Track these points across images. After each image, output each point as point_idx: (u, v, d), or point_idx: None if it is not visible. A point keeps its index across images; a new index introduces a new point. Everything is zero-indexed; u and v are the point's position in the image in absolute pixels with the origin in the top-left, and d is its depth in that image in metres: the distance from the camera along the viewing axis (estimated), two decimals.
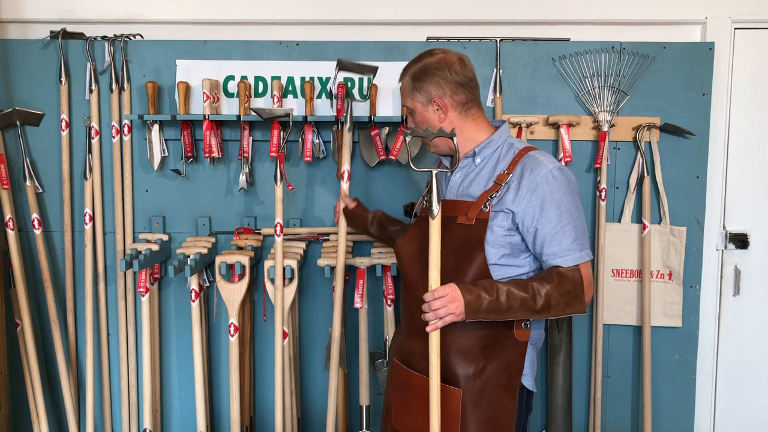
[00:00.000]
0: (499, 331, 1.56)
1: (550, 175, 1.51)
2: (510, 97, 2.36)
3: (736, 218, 2.50)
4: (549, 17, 2.40)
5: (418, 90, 1.61)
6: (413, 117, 1.66)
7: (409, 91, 1.63)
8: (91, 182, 2.36)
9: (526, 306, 1.46)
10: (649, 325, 2.35)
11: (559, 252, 1.51)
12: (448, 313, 1.43)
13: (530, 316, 1.49)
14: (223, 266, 2.15)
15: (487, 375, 1.56)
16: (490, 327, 1.55)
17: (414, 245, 1.65)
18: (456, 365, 1.55)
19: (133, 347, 2.41)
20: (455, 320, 1.45)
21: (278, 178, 2.17)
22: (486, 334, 1.56)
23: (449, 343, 1.55)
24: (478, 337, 1.55)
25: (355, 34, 2.43)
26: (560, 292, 1.48)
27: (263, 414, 2.49)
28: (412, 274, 1.65)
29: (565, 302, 1.49)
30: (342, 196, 2.14)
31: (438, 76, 1.58)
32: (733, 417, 2.56)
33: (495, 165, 1.59)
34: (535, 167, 1.52)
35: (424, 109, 1.62)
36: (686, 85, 2.33)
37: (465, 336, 1.55)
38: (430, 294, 1.44)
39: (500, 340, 1.57)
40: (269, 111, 2.15)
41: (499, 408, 1.57)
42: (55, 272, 2.44)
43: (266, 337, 2.45)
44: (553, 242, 1.51)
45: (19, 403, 2.48)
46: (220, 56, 2.34)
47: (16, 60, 2.36)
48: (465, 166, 1.63)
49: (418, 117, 1.65)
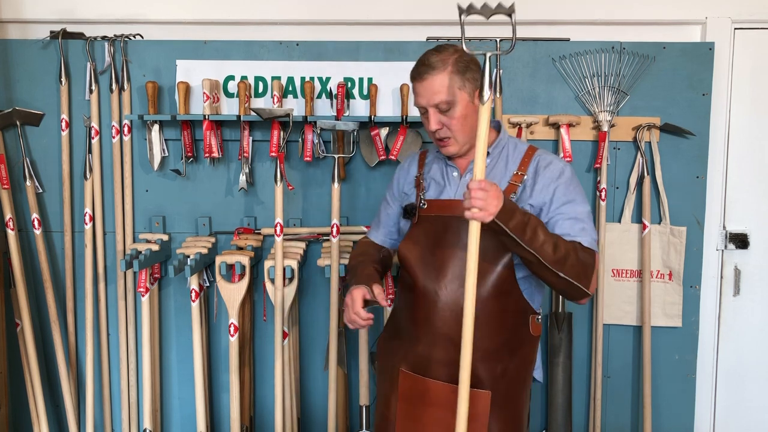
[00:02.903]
0: (517, 329, 1.59)
1: (568, 169, 1.60)
2: (510, 97, 2.36)
3: (736, 218, 2.50)
4: (549, 17, 2.40)
5: (469, 80, 1.54)
6: (449, 111, 1.54)
7: (457, 84, 1.53)
8: (91, 182, 2.36)
9: (546, 247, 1.43)
10: (649, 325, 2.35)
11: (579, 233, 1.53)
12: (486, 206, 1.37)
13: (544, 259, 1.44)
14: (223, 266, 2.15)
15: (510, 374, 1.58)
16: (510, 326, 1.57)
17: (420, 247, 1.61)
18: (480, 368, 1.54)
19: (133, 347, 2.41)
20: (483, 218, 1.38)
21: (278, 178, 2.17)
22: (507, 334, 1.57)
23: (475, 347, 1.49)
24: (500, 337, 1.56)
25: (355, 34, 2.43)
26: (577, 258, 1.48)
27: (263, 414, 2.49)
28: (425, 279, 1.58)
29: (577, 271, 1.48)
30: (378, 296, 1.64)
31: (476, 69, 1.56)
32: (733, 417, 2.56)
33: (505, 164, 1.61)
34: (550, 163, 1.59)
35: (470, 100, 1.55)
36: (686, 85, 2.33)
37: (488, 338, 1.54)
38: (477, 183, 1.37)
39: (519, 337, 1.60)
40: (269, 111, 2.15)
41: (520, 405, 1.62)
42: (55, 272, 2.44)
43: (266, 337, 2.45)
44: (577, 223, 1.53)
45: (19, 403, 2.48)
46: (220, 56, 2.34)
47: (16, 60, 2.36)
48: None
49: (461, 111, 1.54)
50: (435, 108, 1.55)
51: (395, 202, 1.79)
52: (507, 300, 1.56)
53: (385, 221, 1.82)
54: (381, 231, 1.84)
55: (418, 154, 1.79)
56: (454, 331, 1.50)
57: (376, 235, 1.85)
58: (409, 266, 1.62)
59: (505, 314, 1.57)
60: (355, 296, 1.58)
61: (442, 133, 1.57)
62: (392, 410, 1.65)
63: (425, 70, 1.54)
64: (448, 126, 1.56)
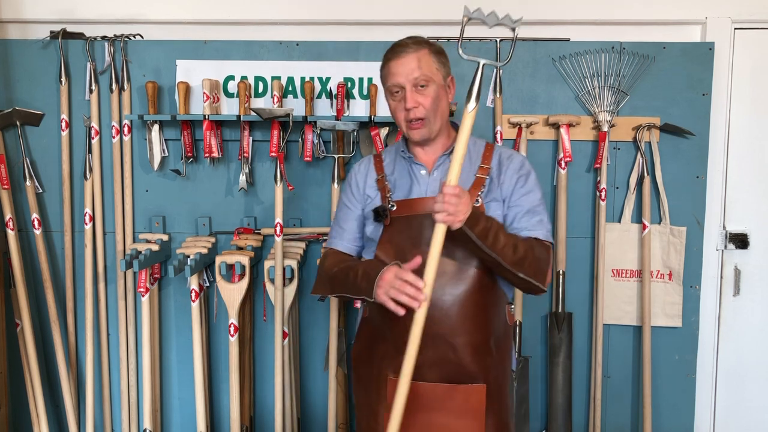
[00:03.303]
0: (499, 320, 1.61)
1: (527, 162, 1.66)
2: (510, 97, 2.36)
3: (736, 218, 2.50)
4: (549, 17, 2.40)
5: (443, 64, 1.59)
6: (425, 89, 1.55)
7: (434, 64, 1.56)
8: (91, 182, 2.36)
9: (506, 250, 1.49)
10: (649, 325, 2.35)
11: (536, 227, 1.60)
12: (457, 212, 1.39)
13: (505, 261, 1.49)
14: (223, 266, 2.15)
15: (497, 365, 1.60)
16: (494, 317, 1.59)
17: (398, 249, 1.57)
18: (472, 363, 1.54)
19: (133, 347, 2.41)
20: (452, 223, 1.40)
21: (278, 178, 2.17)
22: (492, 326, 1.58)
23: (465, 342, 1.53)
24: (487, 330, 1.57)
25: (355, 34, 2.43)
26: (534, 257, 1.54)
27: (263, 414, 2.49)
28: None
29: (534, 269, 1.53)
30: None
31: (447, 59, 1.61)
32: (733, 417, 2.56)
33: (469, 159, 1.62)
34: (512, 155, 1.65)
35: (443, 83, 1.59)
36: (686, 85, 2.33)
37: (477, 332, 1.55)
38: (452, 188, 1.39)
39: (501, 328, 1.62)
40: (269, 111, 2.15)
41: (507, 395, 1.65)
42: (55, 272, 2.44)
43: (266, 337, 2.45)
44: (534, 216, 1.60)
45: (19, 403, 2.48)
46: (220, 56, 2.34)
47: (16, 60, 2.36)
48: (441, 164, 1.62)
49: (436, 91, 1.56)
50: (412, 85, 1.55)
51: (357, 206, 1.69)
52: (489, 293, 1.58)
53: (349, 227, 1.70)
54: (345, 238, 1.71)
55: (371, 158, 1.73)
56: (443, 329, 1.51)
57: (341, 243, 1.71)
58: None
59: (490, 307, 1.58)
60: (396, 270, 1.43)
61: (418, 112, 1.55)
62: (381, 421, 1.57)
63: (403, 49, 1.56)
64: (423, 105, 1.56)
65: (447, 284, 1.52)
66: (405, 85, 1.55)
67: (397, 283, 1.40)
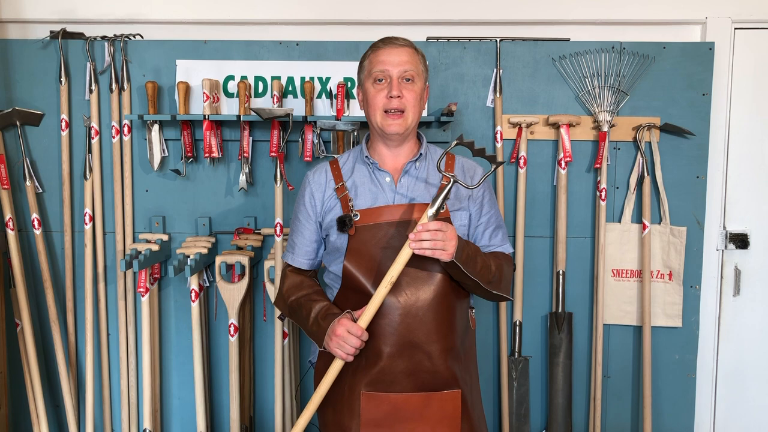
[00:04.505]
0: (465, 324, 1.64)
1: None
2: (510, 97, 2.36)
3: (736, 218, 2.50)
4: (549, 17, 2.41)
5: (425, 69, 1.62)
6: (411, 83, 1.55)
7: (421, 65, 1.60)
8: (91, 182, 2.36)
9: (484, 272, 1.55)
10: (649, 325, 2.35)
11: (502, 242, 1.70)
12: (446, 246, 1.44)
13: (483, 282, 1.55)
14: (223, 266, 2.15)
15: (467, 369, 1.63)
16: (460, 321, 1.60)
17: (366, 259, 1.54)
18: (448, 368, 1.54)
19: (133, 347, 2.41)
20: (442, 257, 1.45)
21: (278, 178, 2.17)
22: (460, 330, 1.60)
23: (440, 349, 1.52)
24: (457, 334, 1.58)
25: (355, 34, 2.43)
26: (502, 274, 1.62)
27: (263, 414, 2.49)
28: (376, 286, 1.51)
29: (506, 285, 1.63)
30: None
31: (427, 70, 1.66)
32: (733, 417, 2.56)
33: (427, 168, 1.63)
34: (471, 168, 1.68)
35: (423, 87, 1.61)
36: (686, 85, 2.33)
37: (449, 337, 1.55)
38: (436, 224, 1.43)
39: (467, 332, 1.64)
40: (269, 111, 2.15)
41: (478, 398, 1.68)
42: (55, 272, 2.44)
43: (266, 337, 2.45)
44: (498, 233, 1.69)
45: (19, 403, 2.48)
46: (220, 56, 2.34)
47: (16, 60, 2.36)
48: (410, 170, 1.61)
49: (419, 87, 1.57)
50: (399, 76, 1.54)
51: (310, 220, 1.66)
52: (456, 296, 1.59)
53: (301, 242, 1.68)
54: (298, 253, 1.69)
55: (327, 166, 1.67)
56: (419, 336, 1.51)
57: (297, 259, 1.69)
58: (358, 281, 1.54)
59: (457, 310, 1.59)
60: (348, 325, 1.48)
61: (400, 103, 1.54)
62: None
63: (395, 41, 1.58)
64: (407, 99, 1.55)
65: (419, 290, 1.52)
66: (393, 73, 1.54)
67: (350, 340, 1.47)
